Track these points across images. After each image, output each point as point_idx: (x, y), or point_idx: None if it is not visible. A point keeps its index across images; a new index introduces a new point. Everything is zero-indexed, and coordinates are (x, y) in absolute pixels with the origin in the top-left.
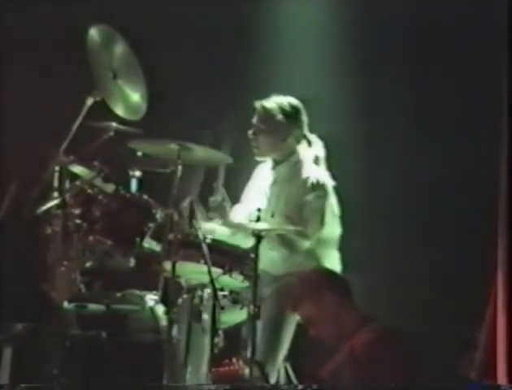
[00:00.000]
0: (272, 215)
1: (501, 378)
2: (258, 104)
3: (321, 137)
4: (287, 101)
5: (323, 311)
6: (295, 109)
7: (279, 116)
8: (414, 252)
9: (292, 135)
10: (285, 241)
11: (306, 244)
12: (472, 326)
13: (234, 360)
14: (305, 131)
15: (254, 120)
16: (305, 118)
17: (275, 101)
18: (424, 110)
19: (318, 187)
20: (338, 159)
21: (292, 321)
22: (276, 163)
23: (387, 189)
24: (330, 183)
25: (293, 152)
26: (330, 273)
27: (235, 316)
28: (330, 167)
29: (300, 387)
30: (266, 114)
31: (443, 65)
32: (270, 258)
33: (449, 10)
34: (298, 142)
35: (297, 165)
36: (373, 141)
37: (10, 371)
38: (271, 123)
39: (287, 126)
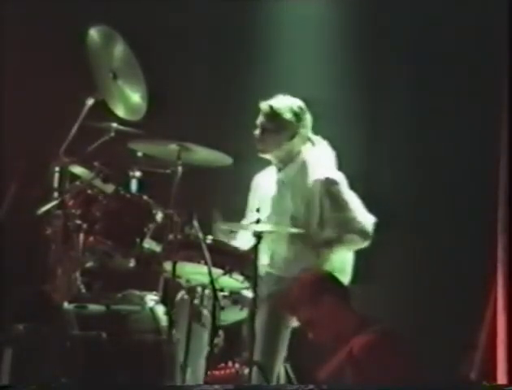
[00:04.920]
0: (292, 219)
1: (501, 378)
2: (264, 104)
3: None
4: (293, 101)
5: (321, 314)
6: (301, 109)
7: (287, 115)
8: (414, 252)
9: (298, 134)
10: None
11: (366, 243)
12: (472, 326)
13: (230, 363)
14: (310, 131)
15: (260, 120)
16: (310, 118)
17: (282, 101)
18: (424, 110)
19: (337, 184)
20: (338, 160)
21: (288, 325)
22: (283, 165)
23: (387, 190)
24: (344, 180)
25: (299, 152)
26: (328, 276)
27: (235, 315)
28: None
29: (310, 387)
30: (274, 113)
31: (443, 65)
32: (282, 259)
33: (449, 10)
34: (303, 142)
35: (305, 165)
36: (373, 142)
37: (10, 372)
38: (279, 122)
39: (294, 125)
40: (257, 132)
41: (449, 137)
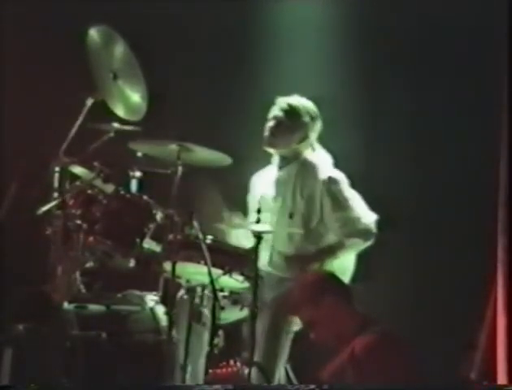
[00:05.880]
0: (291, 216)
1: (501, 378)
2: (282, 100)
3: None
4: (311, 104)
5: (323, 314)
6: (317, 114)
7: (306, 118)
8: (415, 252)
9: (308, 138)
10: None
11: (369, 242)
12: (472, 326)
13: (232, 362)
14: (316, 137)
15: (276, 113)
16: (320, 125)
17: (302, 102)
18: (424, 110)
19: (338, 184)
20: (339, 160)
21: (291, 329)
22: (284, 163)
23: (387, 190)
24: (345, 179)
25: (301, 153)
26: (330, 276)
27: (235, 315)
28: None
29: (311, 386)
30: (293, 111)
31: (443, 65)
32: (282, 258)
33: (449, 10)
34: (308, 146)
35: (307, 165)
36: (373, 142)
37: (10, 372)
38: (296, 122)
39: (308, 128)
40: (271, 124)
41: (449, 137)
